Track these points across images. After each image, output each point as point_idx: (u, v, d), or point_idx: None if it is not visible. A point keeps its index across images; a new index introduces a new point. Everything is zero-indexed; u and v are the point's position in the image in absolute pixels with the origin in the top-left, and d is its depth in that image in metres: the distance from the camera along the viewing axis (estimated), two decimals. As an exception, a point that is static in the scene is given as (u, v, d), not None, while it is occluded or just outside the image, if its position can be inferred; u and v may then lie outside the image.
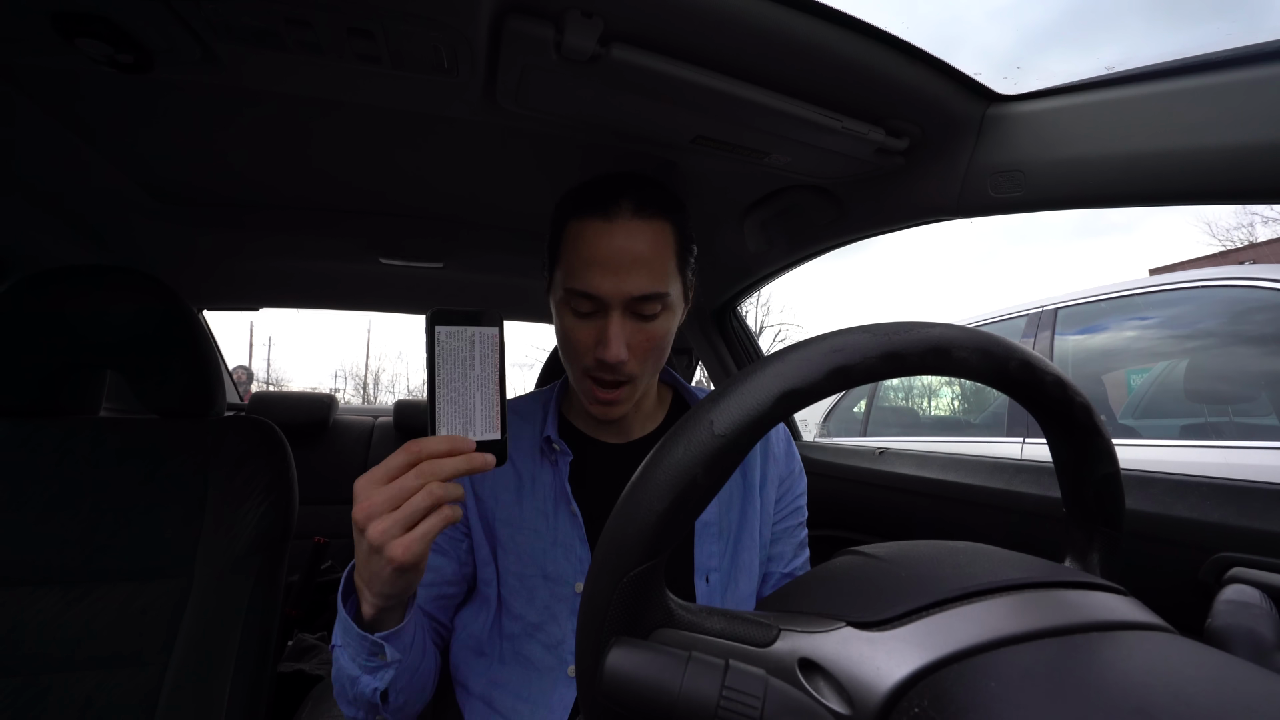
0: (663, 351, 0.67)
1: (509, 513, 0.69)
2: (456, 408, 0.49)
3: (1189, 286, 2.04)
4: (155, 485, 0.82)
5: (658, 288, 0.62)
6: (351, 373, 27.84)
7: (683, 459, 0.29)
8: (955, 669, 0.26)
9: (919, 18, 0.57)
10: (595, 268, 0.62)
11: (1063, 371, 0.36)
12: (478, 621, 0.70)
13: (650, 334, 0.64)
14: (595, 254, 0.62)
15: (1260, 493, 0.69)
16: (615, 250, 0.61)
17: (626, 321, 0.63)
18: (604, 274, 0.62)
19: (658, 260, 0.63)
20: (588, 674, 0.30)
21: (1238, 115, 0.52)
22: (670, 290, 0.64)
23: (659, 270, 0.63)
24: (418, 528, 0.45)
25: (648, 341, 0.64)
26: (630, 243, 0.62)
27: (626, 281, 0.61)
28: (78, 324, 0.80)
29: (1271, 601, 0.37)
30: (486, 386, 0.49)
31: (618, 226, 0.62)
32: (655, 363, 0.67)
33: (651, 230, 0.63)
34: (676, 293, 0.66)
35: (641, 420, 0.75)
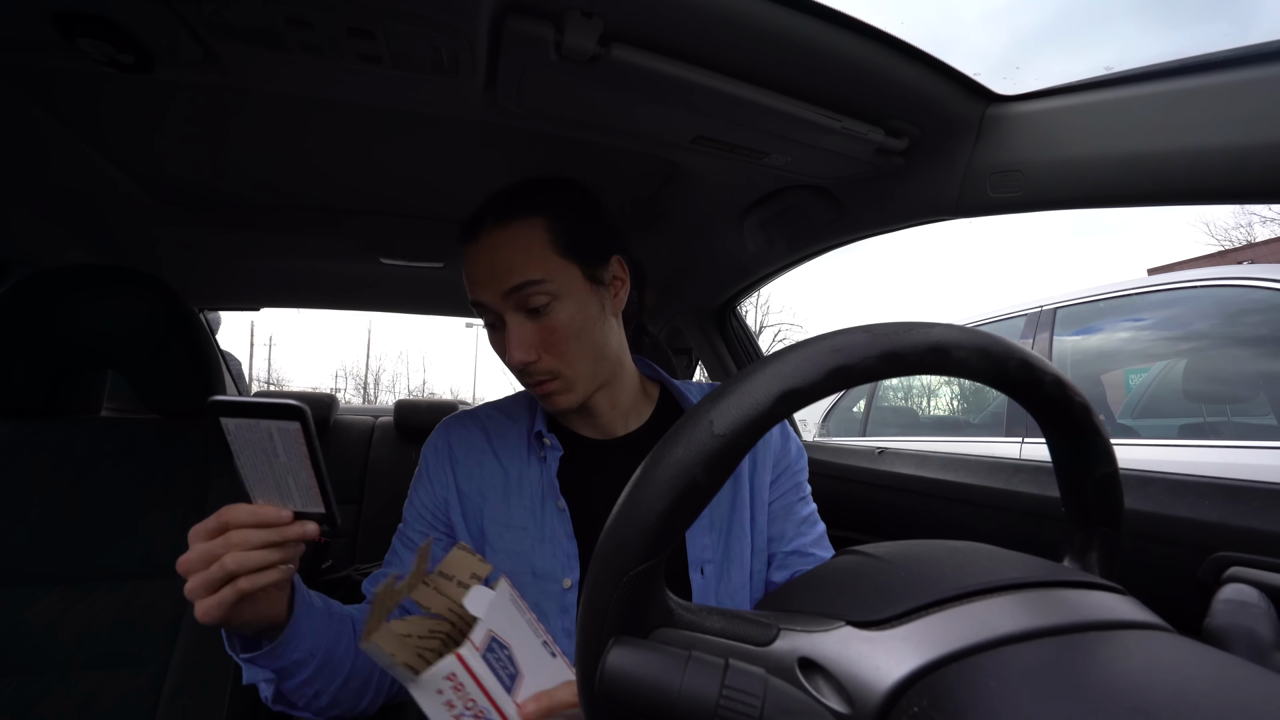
0: (580, 340, 0.66)
1: (496, 511, 0.70)
2: (268, 485, 0.48)
3: (1187, 286, 2.04)
4: (156, 485, 0.82)
5: (529, 276, 0.63)
6: (352, 373, 27.89)
7: (682, 459, 0.29)
8: (954, 668, 0.26)
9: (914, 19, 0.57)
10: (474, 284, 0.66)
11: (1061, 371, 0.36)
12: None
13: (549, 326, 0.64)
14: (473, 273, 0.67)
15: (1258, 492, 0.69)
16: (483, 262, 0.65)
17: (523, 321, 0.65)
18: (481, 286, 0.66)
19: (525, 253, 0.64)
20: (588, 674, 0.30)
21: (1237, 115, 0.52)
22: (550, 276, 0.64)
23: (528, 262, 0.64)
24: (215, 595, 0.47)
25: (550, 334, 0.65)
26: (494, 251, 0.65)
27: (497, 284, 0.64)
28: (78, 324, 0.80)
29: (1270, 601, 0.38)
30: (299, 471, 0.47)
31: (482, 242, 0.66)
32: (575, 354, 0.66)
33: (515, 230, 0.65)
34: (567, 278, 0.65)
35: (623, 416, 0.75)
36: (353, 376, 27.44)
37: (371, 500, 1.99)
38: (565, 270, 0.65)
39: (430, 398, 5.13)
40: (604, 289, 0.69)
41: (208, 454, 0.85)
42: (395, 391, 26.73)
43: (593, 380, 0.69)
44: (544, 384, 0.67)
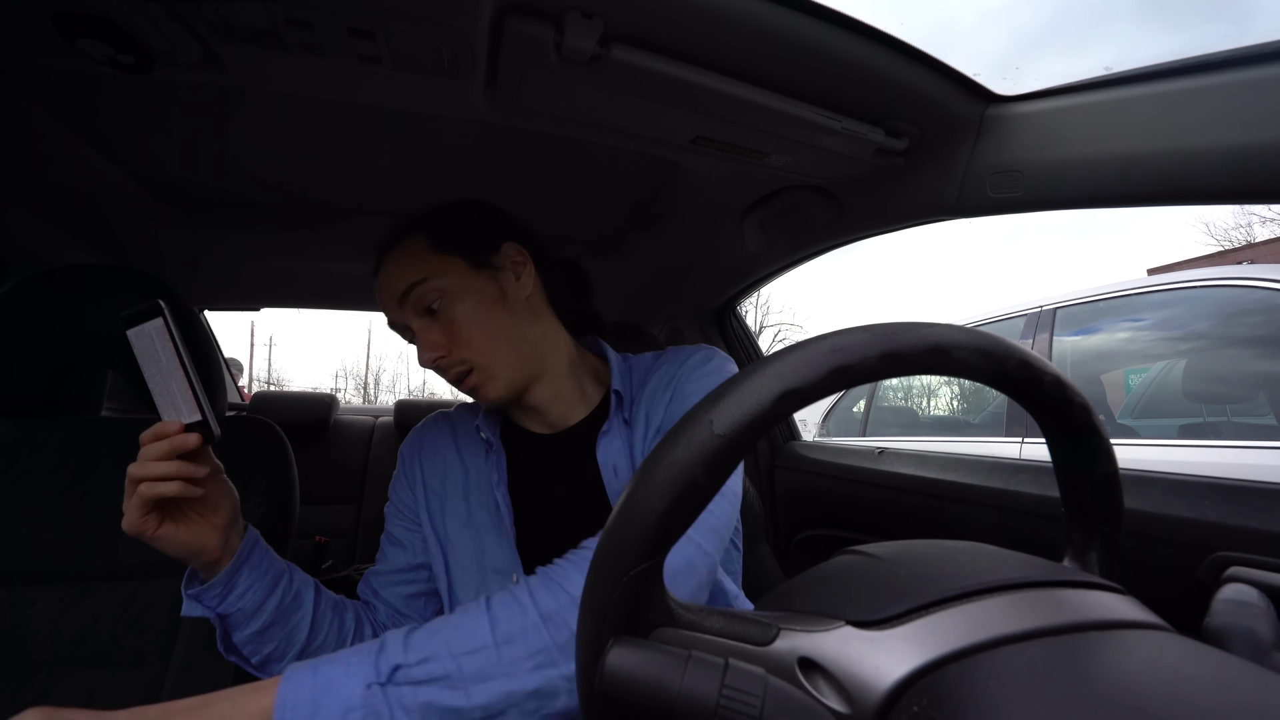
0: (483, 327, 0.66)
1: (457, 509, 0.72)
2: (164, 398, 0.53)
3: (1187, 286, 2.04)
4: (155, 485, 0.82)
5: (411, 278, 0.65)
6: (352, 373, 27.89)
7: (682, 459, 0.29)
8: (954, 668, 0.26)
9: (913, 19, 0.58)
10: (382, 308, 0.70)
11: (1061, 371, 0.36)
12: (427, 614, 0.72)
13: (448, 319, 0.66)
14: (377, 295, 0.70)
15: (1258, 492, 0.69)
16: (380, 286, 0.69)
17: (426, 323, 0.67)
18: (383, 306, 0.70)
19: (407, 262, 0.67)
20: (587, 673, 0.30)
21: (1237, 115, 0.52)
22: (431, 274, 0.65)
23: (410, 267, 0.66)
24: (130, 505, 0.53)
25: (451, 327, 0.66)
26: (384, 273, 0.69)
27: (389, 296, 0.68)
28: (78, 324, 0.80)
29: (1269, 601, 0.38)
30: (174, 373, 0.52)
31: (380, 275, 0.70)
32: (481, 340, 0.67)
33: (398, 254, 0.68)
34: (451, 272, 0.66)
35: (570, 406, 0.73)
36: (353, 376, 27.46)
37: (371, 500, 1.99)
38: (448, 265, 0.66)
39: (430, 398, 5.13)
40: (500, 273, 0.69)
41: (208, 454, 0.85)
42: (395, 391, 26.73)
43: (514, 365, 0.68)
44: (464, 378, 0.68)
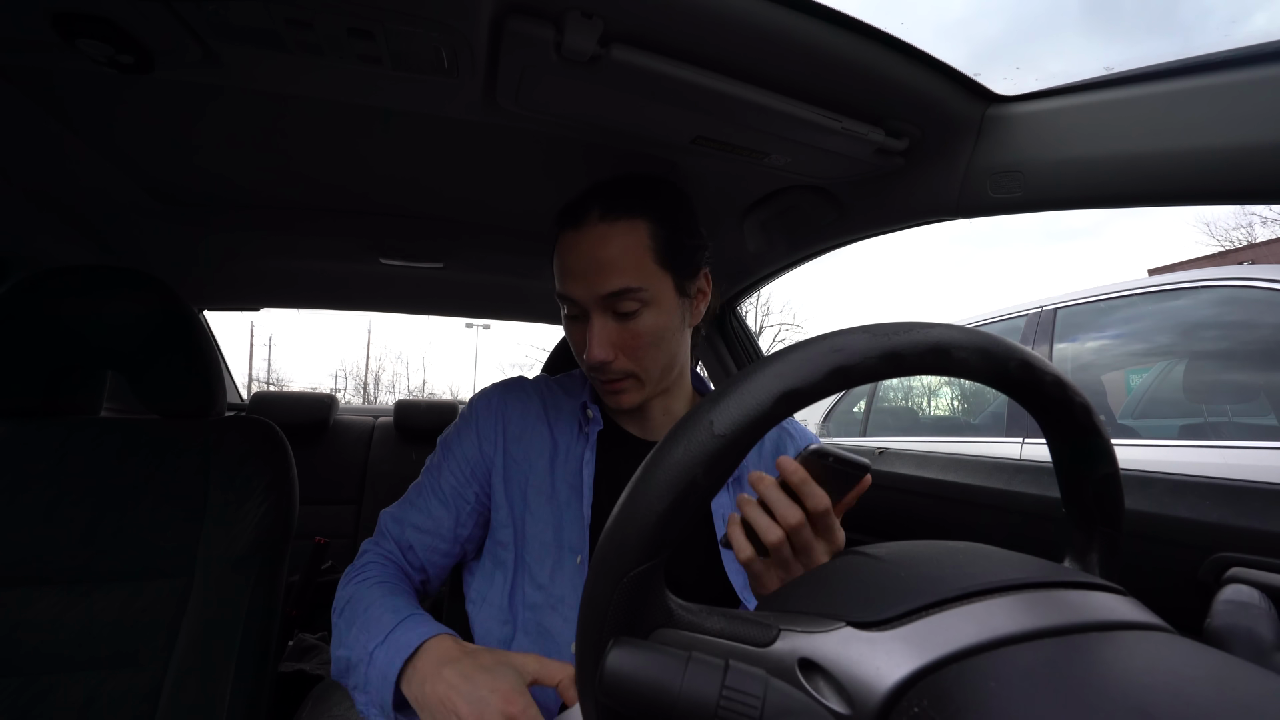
0: (659, 347, 0.67)
1: (540, 478, 0.71)
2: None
3: (1188, 286, 2.04)
4: (156, 485, 0.82)
5: (627, 283, 0.64)
6: (352, 373, 27.88)
7: (682, 459, 0.29)
8: (955, 669, 0.26)
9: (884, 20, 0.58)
10: (570, 275, 0.66)
11: (1062, 372, 0.36)
12: (494, 587, 0.70)
13: (634, 332, 0.65)
14: (569, 261, 0.66)
15: (1259, 493, 0.69)
16: (584, 256, 0.65)
17: (608, 322, 0.66)
18: (576, 279, 0.66)
19: (626, 258, 0.64)
20: (588, 674, 0.30)
21: (1238, 115, 0.52)
22: (646, 285, 0.65)
23: (628, 267, 0.64)
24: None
25: (633, 339, 0.66)
26: (597, 247, 0.65)
27: (596, 283, 0.64)
28: (78, 324, 0.80)
29: (1270, 601, 0.38)
30: None
31: (584, 233, 0.66)
32: (653, 359, 0.67)
33: (620, 230, 0.65)
34: (660, 288, 0.66)
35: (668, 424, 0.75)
36: (353, 376, 27.46)
37: (371, 500, 1.99)
38: (660, 280, 0.66)
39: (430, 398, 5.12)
40: (688, 301, 0.70)
41: (208, 455, 0.85)
42: (395, 392, 26.73)
43: (660, 385, 0.71)
44: (615, 382, 0.68)
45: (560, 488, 0.70)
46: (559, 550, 0.68)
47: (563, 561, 0.67)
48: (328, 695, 0.83)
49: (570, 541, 0.68)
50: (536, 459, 0.72)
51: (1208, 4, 42.15)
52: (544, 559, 0.68)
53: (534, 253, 1.24)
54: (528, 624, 0.66)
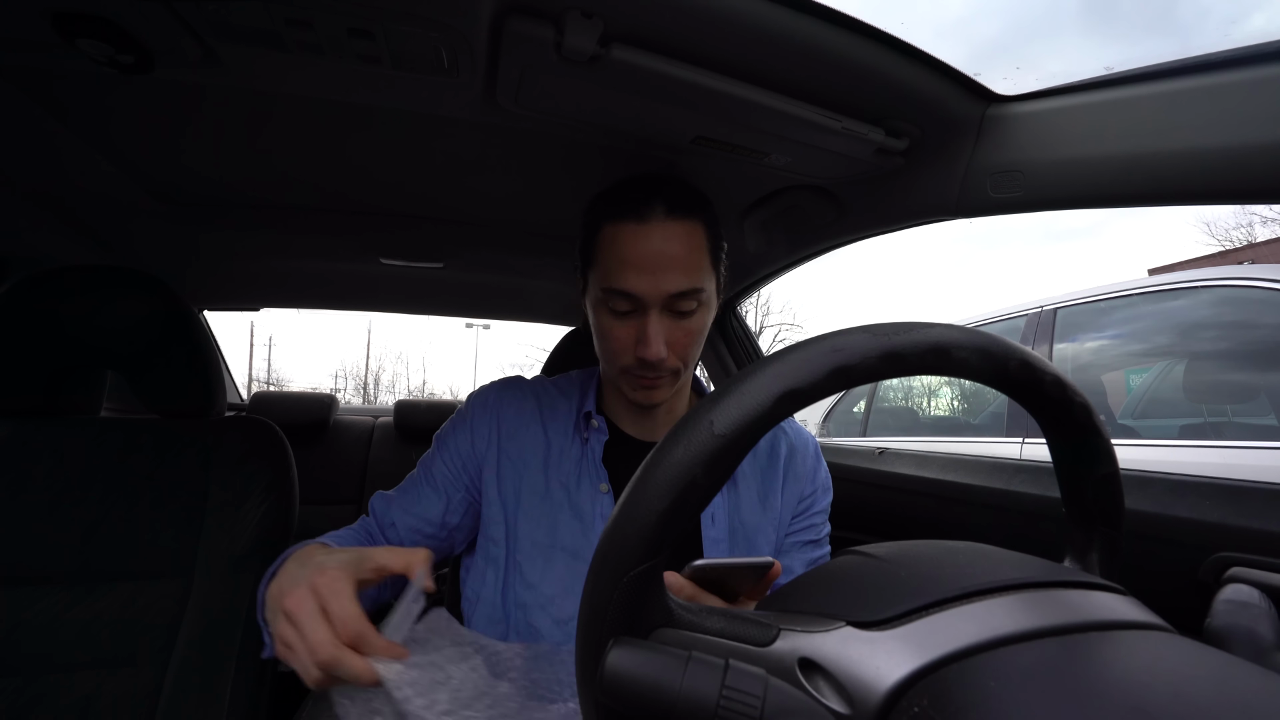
0: (698, 347, 0.70)
1: (534, 478, 0.71)
2: None
3: (1188, 286, 2.04)
4: (156, 485, 0.82)
5: (694, 284, 0.65)
6: (352, 373, 27.89)
7: (682, 459, 0.29)
8: (955, 668, 0.26)
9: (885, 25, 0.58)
10: (632, 269, 0.64)
11: (1062, 371, 0.36)
12: (487, 584, 0.70)
13: (688, 329, 0.67)
14: (632, 255, 0.64)
15: (1259, 492, 0.69)
16: (651, 251, 0.64)
17: (664, 319, 0.66)
18: (640, 274, 0.64)
19: (692, 258, 0.65)
20: (588, 674, 0.30)
21: (1238, 115, 0.52)
22: (706, 286, 0.67)
23: (694, 268, 0.65)
24: None
25: (686, 337, 0.67)
26: (665, 243, 0.64)
27: (663, 281, 0.64)
28: (78, 324, 0.80)
29: (1270, 601, 0.38)
30: None
31: (653, 228, 0.64)
32: (694, 356, 0.70)
33: (685, 229, 0.65)
34: (711, 288, 0.69)
35: (671, 420, 0.76)
36: (353, 376, 27.46)
37: (371, 500, 1.99)
38: (711, 280, 0.68)
39: (430, 398, 5.12)
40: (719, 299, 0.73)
41: (208, 455, 0.85)
42: (395, 391, 26.74)
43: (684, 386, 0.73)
44: (658, 379, 0.68)
45: (553, 487, 0.70)
46: (550, 550, 0.68)
47: (553, 561, 0.67)
48: (328, 695, 0.83)
49: (565, 543, 0.68)
50: (530, 458, 0.72)
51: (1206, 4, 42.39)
52: (534, 558, 0.68)
53: (534, 253, 1.24)
54: (518, 623, 0.67)
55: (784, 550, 0.76)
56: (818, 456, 0.81)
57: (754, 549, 0.72)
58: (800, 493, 0.77)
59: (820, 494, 0.79)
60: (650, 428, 0.76)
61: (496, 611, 0.68)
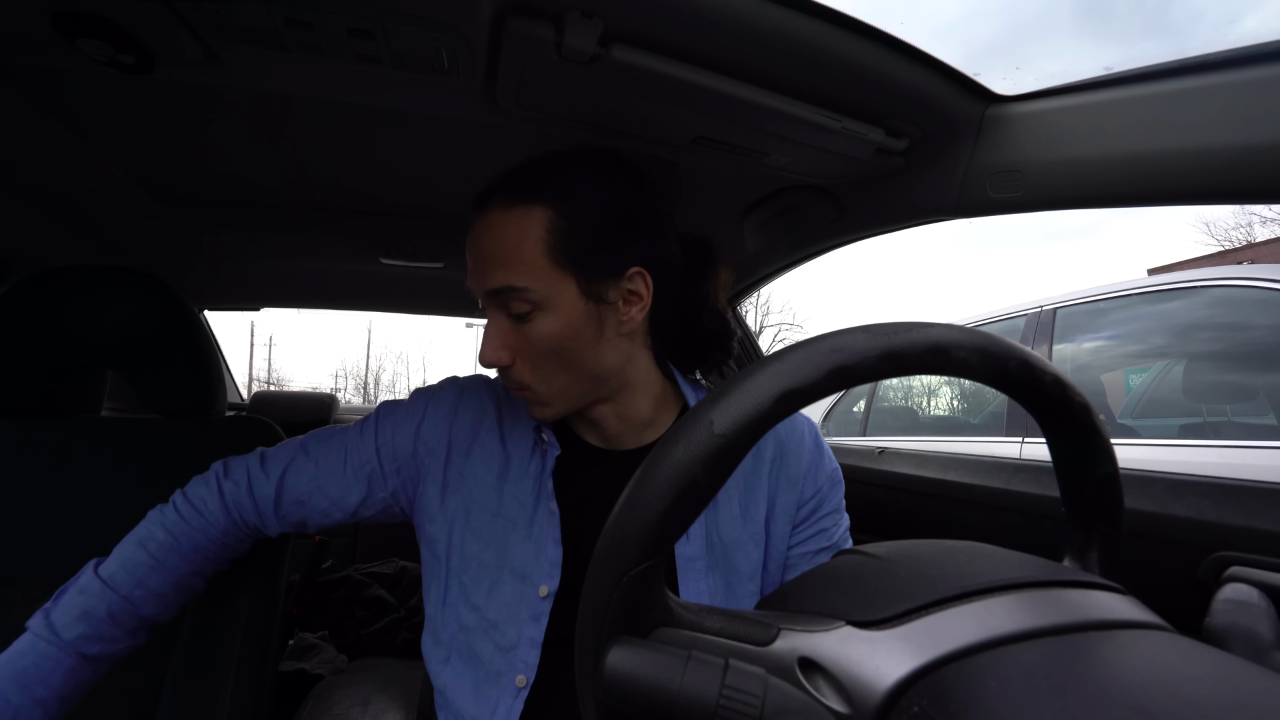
0: (559, 359, 0.58)
1: (486, 497, 0.65)
2: None
3: (1187, 286, 2.05)
4: (156, 485, 0.82)
5: (510, 281, 0.56)
6: (352, 372, 27.89)
7: (682, 458, 0.29)
8: (954, 668, 0.26)
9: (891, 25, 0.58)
10: (468, 268, 0.61)
11: (1061, 371, 0.36)
12: (431, 600, 0.66)
13: (525, 336, 0.58)
14: (468, 252, 0.61)
15: (1259, 492, 0.69)
16: (477, 245, 0.59)
17: (502, 322, 0.59)
18: (470, 273, 0.60)
19: (515, 251, 0.56)
20: (587, 673, 0.30)
21: (1238, 115, 0.52)
22: (535, 285, 0.56)
23: (515, 262, 0.56)
24: None
25: (525, 345, 0.58)
26: (488, 236, 0.58)
27: (481, 276, 0.58)
28: (78, 324, 0.80)
29: (1270, 600, 0.38)
30: None
31: (483, 221, 0.59)
32: (552, 372, 0.59)
33: (513, 219, 0.57)
34: (557, 290, 0.56)
35: (636, 430, 0.67)
36: (353, 376, 27.48)
37: (372, 500, 1.99)
38: (556, 281, 0.56)
39: (430, 398, 5.07)
40: (608, 308, 0.59)
41: (208, 454, 0.85)
42: (395, 391, 26.75)
43: (577, 400, 0.62)
44: (518, 391, 0.61)
45: (508, 505, 0.64)
46: (499, 571, 0.62)
47: (501, 584, 0.62)
48: (328, 695, 0.83)
49: (514, 565, 0.62)
50: (484, 474, 0.65)
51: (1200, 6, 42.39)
52: (481, 579, 0.63)
53: None
54: (460, 645, 0.63)
55: (791, 565, 0.67)
56: (817, 446, 0.69)
57: (733, 567, 0.64)
58: (799, 497, 0.67)
59: (828, 490, 0.68)
60: (606, 436, 0.67)
61: (436, 630, 0.65)
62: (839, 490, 0.70)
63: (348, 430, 0.69)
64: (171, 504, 0.68)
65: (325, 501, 0.67)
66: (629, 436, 0.67)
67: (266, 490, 0.67)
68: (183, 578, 0.67)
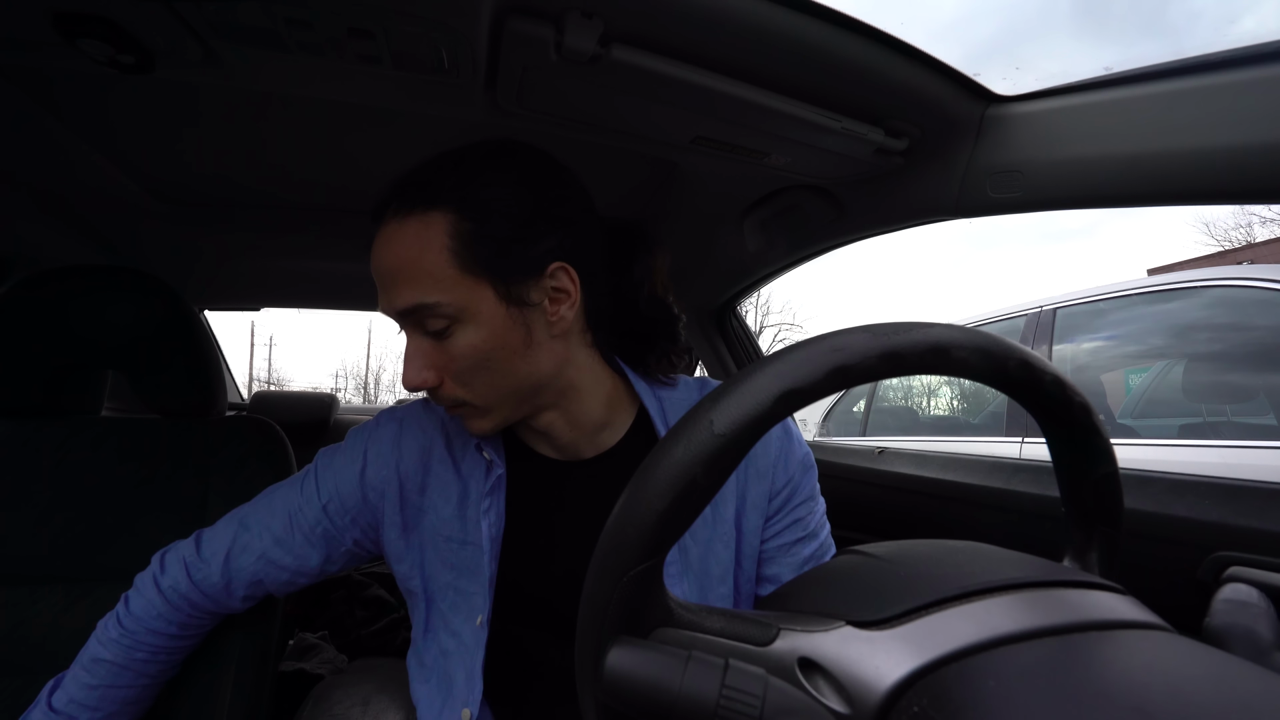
0: (489, 370, 0.54)
1: (450, 528, 0.62)
2: None
3: (1187, 287, 2.05)
4: (156, 485, 0.82)
5: (419, 299, 0.52)
6: (352, 372, 27.91)
7: (682, 458, 0.29)
8: (954, 668, 0.26)
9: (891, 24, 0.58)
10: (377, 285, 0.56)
11: (1061, 371, 0.36)
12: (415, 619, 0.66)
13: (448, 352, 0.54)
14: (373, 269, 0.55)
15: (1258, 492, 0.69)
16: (378, 263, 0.54)
17: (422, 341, 0.54)
18: (379, 291, 0.55)
19: (418, 265, 0.52)
20: (588, 673, 0.30)
21: (1238, 115, 0.52)
22: (446, 299, 0.51)
23: (421, 277, 0.52)
24: None
25: (449, 362, 0.54)
26: (387, 251, 0.53)
27: (388, 296, 0.54)
28: (78, 324, 0.80)
29: (1269, 600, 0.38)
30: None
31: (381, 236, 0.54)
32: (485, 384, 0.55)
33: (411, 230, 0.52)
34: (472, 298, 0.52)
35: (591, 436, 0.63)
36: (353, 376, 27.50)
37: (372, 500, 2.00)
38: (470, 290, 0.52)
39: (430, 398, 5.07)
40: (532, 310, 0.55)
41: (208, 454, 0.85)
42: (395, 391, 26.72)
43: (517, 409, 0.59)
44: (453, 409, 0.58)
45: (472, 530, 0.62)
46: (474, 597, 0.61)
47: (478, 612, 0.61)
48: (328, 695, 0.83)
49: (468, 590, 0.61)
50: (442, 506, 0.63)
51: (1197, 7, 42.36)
52: (459, 606, 0.62)
53: None
54: (438, 669, 0.63)
55: (767, 558, 0.65)
56: (786, 433, 0.66)
57: (705, 568, 0.62)
58: (770, 489, 0.63)
59: (800, 477, 0.65)
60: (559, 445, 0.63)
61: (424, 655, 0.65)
62: (812, 475, 0.67)
63: (289, 490, 0.66)
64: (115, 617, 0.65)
65: (284, 574, 0.65)
66: (585, 444, 0.63)
67: (212, 579, 0.64)
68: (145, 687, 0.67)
